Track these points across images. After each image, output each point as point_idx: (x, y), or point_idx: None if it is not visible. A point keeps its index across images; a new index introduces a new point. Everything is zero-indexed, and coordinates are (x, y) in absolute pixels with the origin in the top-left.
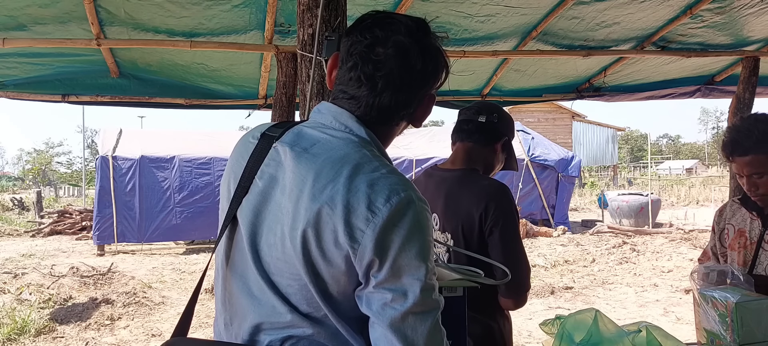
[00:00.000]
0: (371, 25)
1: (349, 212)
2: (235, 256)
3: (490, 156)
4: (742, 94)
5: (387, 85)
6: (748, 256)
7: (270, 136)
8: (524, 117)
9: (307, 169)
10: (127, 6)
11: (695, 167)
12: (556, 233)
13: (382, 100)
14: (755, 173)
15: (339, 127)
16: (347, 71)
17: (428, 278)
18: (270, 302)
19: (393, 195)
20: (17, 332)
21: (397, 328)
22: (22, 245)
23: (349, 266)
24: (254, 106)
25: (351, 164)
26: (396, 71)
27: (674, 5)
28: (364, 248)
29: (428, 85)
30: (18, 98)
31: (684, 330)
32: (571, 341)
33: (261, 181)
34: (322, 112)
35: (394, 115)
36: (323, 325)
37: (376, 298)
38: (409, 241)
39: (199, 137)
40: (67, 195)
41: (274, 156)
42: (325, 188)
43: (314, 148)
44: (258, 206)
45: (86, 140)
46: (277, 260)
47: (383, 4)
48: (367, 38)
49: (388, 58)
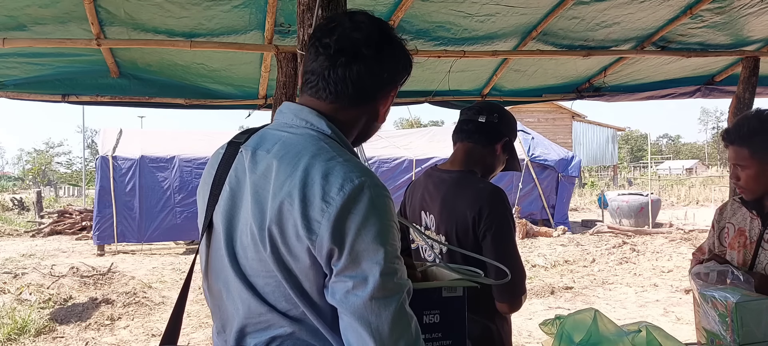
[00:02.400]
0: (328, 21)
1: (306, 205)
2: (214, 263)
3: (490, 157)
4: (742, 94)
5: (340, 49)
6: (747, 255)
7: (236, 143)
8: (524, 117)
9: (267, 168)
10: (127, 6)
11: (695, 167)
12: (556, 233)
13: (339, 89)
14: (738, 164)
15: (300, 124)
16: (308, 65)
17: (388, 261)
18: (249, 303)
19: (346, 183)
20: (17, 332)
21: (360, 315)
22: (22, 245)
23: (313, 259)
24: (254, 106)
25: (306, 157)
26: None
27: (674, 5)
28: (321, 238)
29: (386, 77)
30: (18, 98)
31: (684, 330)
32: (570, 341)
33: (229, 186)
34: (283, 112)
35: (355, 106)
36: (302, 322)
37: (338, 287)
38: (364, 226)
39: (199, 137)
40: (67, 195)
41: (240, 161)
42: (284, 183)
43: (274, 147)
44: (229, 211)
45: (86, 140)
46: (252, 260)
47: (383, 4)
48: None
49: (345, 27)
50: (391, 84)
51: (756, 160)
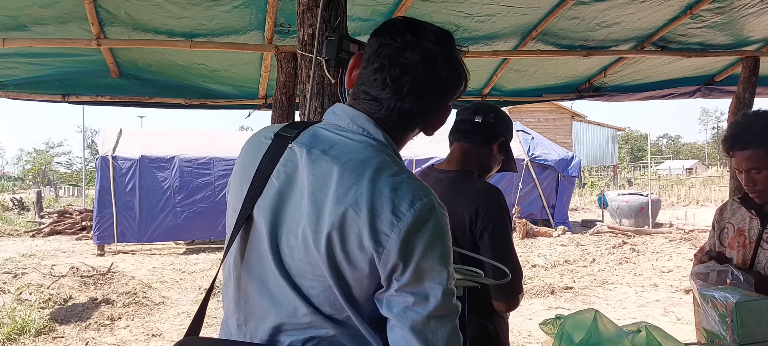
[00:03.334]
0: (402, 30)
1: (374, 216)
2: (250, 257)
3: (486, 157)
4: (742, 94)
5: (412, 89)
6: (747, 255)
7: (285, 137)
8: (524, 117)
9: (327, 171)
10: (127, 6)
11: (695, 167)
12: (556, 233)
13: (404, 105)
14: (753, 167)
15: (356, 130)
16: (372, 72)
17: (449, 282)
18: (291, 303)
19: (416, 200)
20: (17, 332)
21: (418, 331)
22: (22, 245)
23: (372, 269)
24: (254, 106)
25: (372, 167)
26: (422, 77)
27: (674, 5)
28: (388, 252)
29: (448, 96)
30: (18, 98)
31: (684, 330)
32: (570, 341)
33: (277, 181)
34: (337, 113)
35: (412, 121)
36: (345, 325)
37: (397, 301)
38: (432, 246)
39: (199, 137)
40: (67, 195)
41: (290, 157)
42: (349, 191)
43: (333, 150)
44: (276, 206)
45: (86, 140)
46: (300, 261)
47: (383, 4)
48: (397, 41)
49: (416, 64)
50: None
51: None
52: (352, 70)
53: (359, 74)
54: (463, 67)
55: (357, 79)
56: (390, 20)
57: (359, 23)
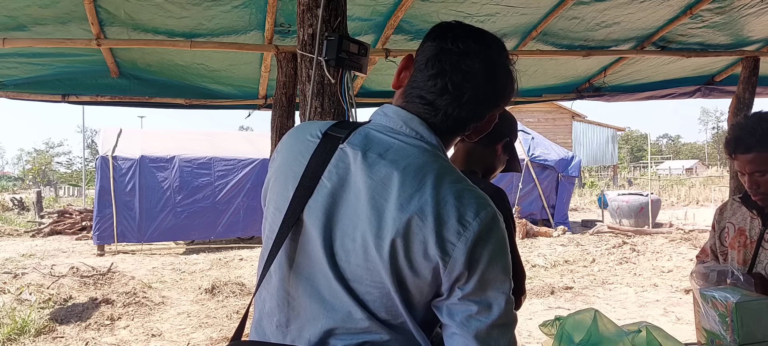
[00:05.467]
0: (464, 36)
1: (440, 225)
2: (298, 258)
3: (490, 157)
4: (742, 94)
5: (471, 97)
6: (747, 255)
7: (334, 136)
8: (524, 117)
9: (386, 176)
10: (127, 6)
11: (695, 167)
12: (556, 233)
13: (462, 112)
14: (757, 171)
15: (410, 133)
16: (430, 77)
17: (511, 291)
18: (346, 307)
19: (481, 209)
20: (17, 332)
21: (482, 339)
22: (22, 245)
23: (435, 277)
24: (254, 106)
25: (433, 173)
26: (483, 86)
27: (674, 5)
28: (454, 260)
29: (501, 104)
30: (18, 98)
31: (684, 330)
32: (570, 341)
33: (329, 182)
34: (389, 115)
35: (465, 127)
36: (400, 331)
37: (460, 309)
38: (496, 256)
39: (199, 137)
40: (67, 195)
41: (342, 157)
42: (412, 197)
43: (389, 153)
44: (329, 208)
45: (86, 140)
46: (357, 266)
47: (383, 4)
48: (460, 48)
49: (479, 72)
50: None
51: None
52: (401, 72)
53: (412, 77)
54: (514, 76)
55: (409, 83)
56: (447, 25)
57: (359, 23)
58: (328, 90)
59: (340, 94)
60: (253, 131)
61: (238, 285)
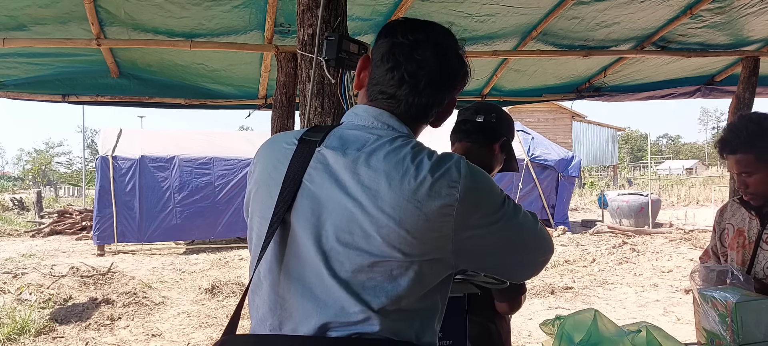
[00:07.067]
0: (413, 29)
1: (435, 197)
2: (288, 261)
3: (488, 157)
4: (742, 94)
5: (428, 83)
6: (746, 255)
7: (310, 141)
8: (524, 117)
9: (371, 168)
10: (127, 6)
11: (695, 167)
12: (556, 233)
13: (422, 99)
14: (744, 171)
15: (382, 127)
16: (387, 71)
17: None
18: (339, 302)
19: (456, 165)
20: (17, 332)
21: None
22: (22, 245)
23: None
24: (254, 106)
25: (411, 155)
26: (436, 71)
27: (674, 5)
28: (459, 215)
29: (457, 87)
30: (18, 98)
31: (684, 330)
32: (570, 341)
33: (312, 185)
34: (359, 114)
35: (428, 113)
36: (397, 320)
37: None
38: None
39: (199, 137)
40: (67, 195)
41: (320, 160)
42: (402, 182)
43: (366, 147)
44: (316, 209)
45: (86, 140)
46: (357, 257)
47: (383, 4)
48: (410, 40)
49: (430, 58)
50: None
51: (762, 165)
52: (360, 73)
53: (371, 75)
54: (466, 59)
55: (369, 81)
56: (395, 21)
57: (359, 23)
58: (328, 90)
59: (340, 94)
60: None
61: (238, 285)
